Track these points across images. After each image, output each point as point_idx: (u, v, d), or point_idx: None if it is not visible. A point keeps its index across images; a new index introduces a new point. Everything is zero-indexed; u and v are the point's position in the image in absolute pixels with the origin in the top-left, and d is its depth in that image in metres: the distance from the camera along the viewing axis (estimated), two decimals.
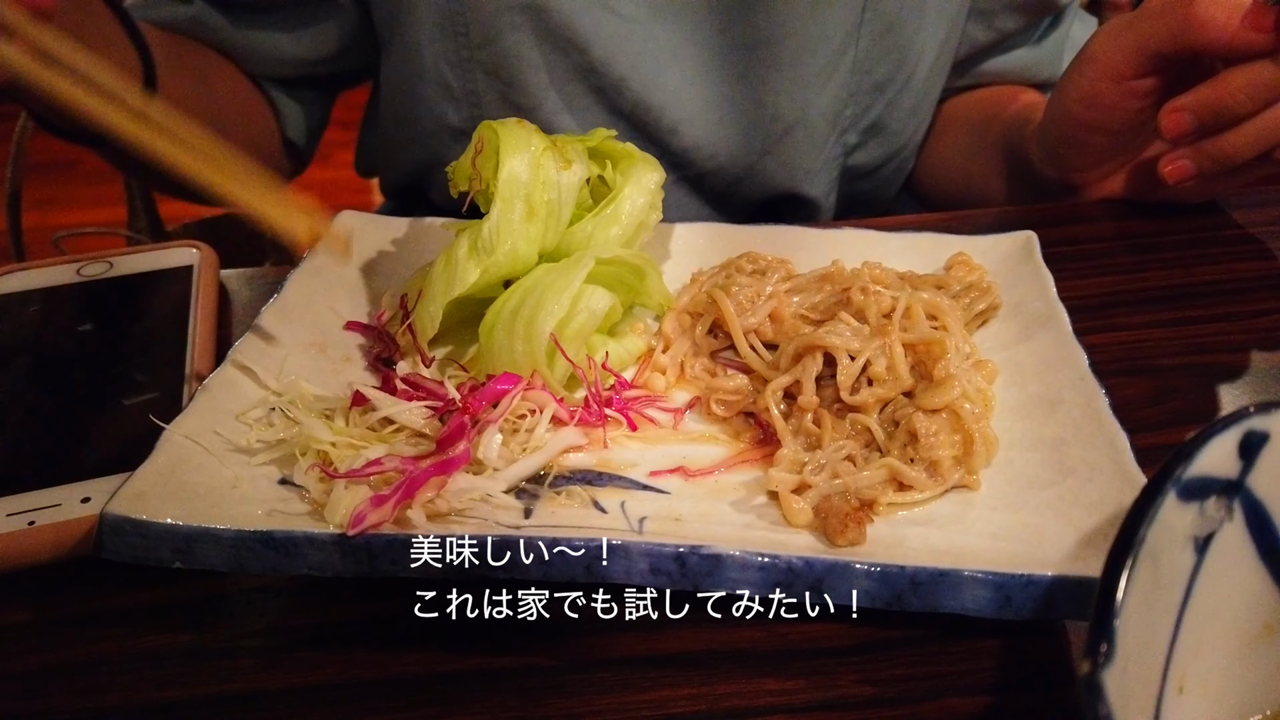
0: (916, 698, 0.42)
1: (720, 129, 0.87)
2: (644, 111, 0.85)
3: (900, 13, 0.84)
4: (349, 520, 0.43)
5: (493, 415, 0.50)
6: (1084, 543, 0.43)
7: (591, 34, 0.81)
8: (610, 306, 0.56)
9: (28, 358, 0.59)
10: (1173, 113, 0.65)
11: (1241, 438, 0.34)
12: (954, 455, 0.48)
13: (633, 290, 0.60)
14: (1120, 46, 0.67)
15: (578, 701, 0.42)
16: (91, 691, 0.43)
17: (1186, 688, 0.34)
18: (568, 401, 0.54)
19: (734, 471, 0.51)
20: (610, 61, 0.82)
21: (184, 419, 0.49)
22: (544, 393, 0.53)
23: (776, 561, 0.42)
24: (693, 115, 0.86)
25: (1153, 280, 0.69)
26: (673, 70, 0.84)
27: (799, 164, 0.88)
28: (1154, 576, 0.31)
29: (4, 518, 0.47)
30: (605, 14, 0.81)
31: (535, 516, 0.47)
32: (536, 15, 0.80)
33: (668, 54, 0.83)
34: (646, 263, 0.60)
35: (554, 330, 0.53)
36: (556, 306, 0.53)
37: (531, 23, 0.80)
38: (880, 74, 0.87)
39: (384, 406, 0.51)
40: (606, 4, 0.80)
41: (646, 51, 0.83)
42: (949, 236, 0.66)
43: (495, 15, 0.80)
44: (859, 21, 0.83)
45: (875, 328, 0.53)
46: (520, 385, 0.52)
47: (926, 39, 0.87)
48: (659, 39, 0.83)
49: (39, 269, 0.66)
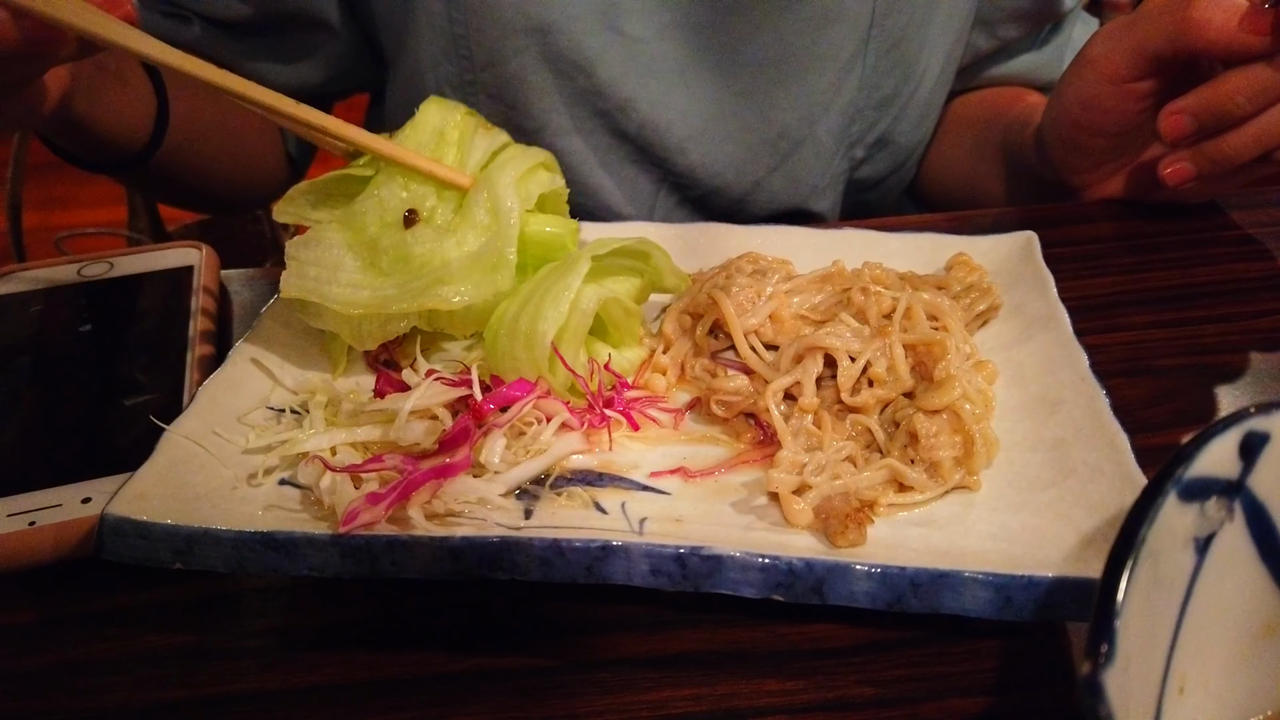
0: (917, 698, 0.42)
1: (727, 147, 0.86)
2: (650, 131, 0.85)
3: (906, 29, 0.84)
4: (342, 517, 0.43)
5: (500, 420, 0.50)
6: (1084, 543, 0.43)
7: (598, 55, 0.81)
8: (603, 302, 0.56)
9: (28, 358, 0.59)
10: (1171, 115, 0.65)
11: (1242, 438, 0.34)
12: (954, 456, 0.48)
13: (645, 275, 0.60)
14: (1118, 49, 0.67)
15: (578, 701, 0.42)
16: (91, 691, 0.43)
17: (1187, 688, 0.34)
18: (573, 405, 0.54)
19: (735, 472, 0.51)
20: (617, 83, 0.82)
21: (184, 419, 0.49)
22: (556, 402, 0.52)
23: (777, 562, 0.42)
24: (699, 133, 0.85)
25: (1153, 281, 0.69)
26: (679, 89, 0.84)
27: (806, 180, 0.88)
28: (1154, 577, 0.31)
29: (4, 518, 0.47)
30: (612, 35, 0.80)
31: (536, 517, 0.47)
32: (542, 38, 0.79)
33: (674, 73, 0.83)
34: (648, 245, 0.59)
35: (555, 337, 0.53)
36: (554, 313, 0.53)
37: (537, 45, 0.80)
38: (887, 89, 0.87)
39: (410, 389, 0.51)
40: (613, 25, 0.80)
41: (653, 71, 0.82)
42: (949, 237, 0.66)
43: (499, 39, 0.80)
44: (866, 39, 0.83)
45: (876, 328, 0.53)
46: (533, 395, 0.52)
47: (932, 53, 0.87)
48: (666, 59, 0.82)
49: (40, 269, 0.66)
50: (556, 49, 0.80)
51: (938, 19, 0.85)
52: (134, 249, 0.68)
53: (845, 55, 0.83)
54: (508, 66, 0.81)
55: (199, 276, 0.65)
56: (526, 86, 0.81)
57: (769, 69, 0.83)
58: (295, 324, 0.58)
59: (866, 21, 0.82)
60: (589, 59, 0.81)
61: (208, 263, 0.66)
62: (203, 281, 0.64)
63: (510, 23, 0.79)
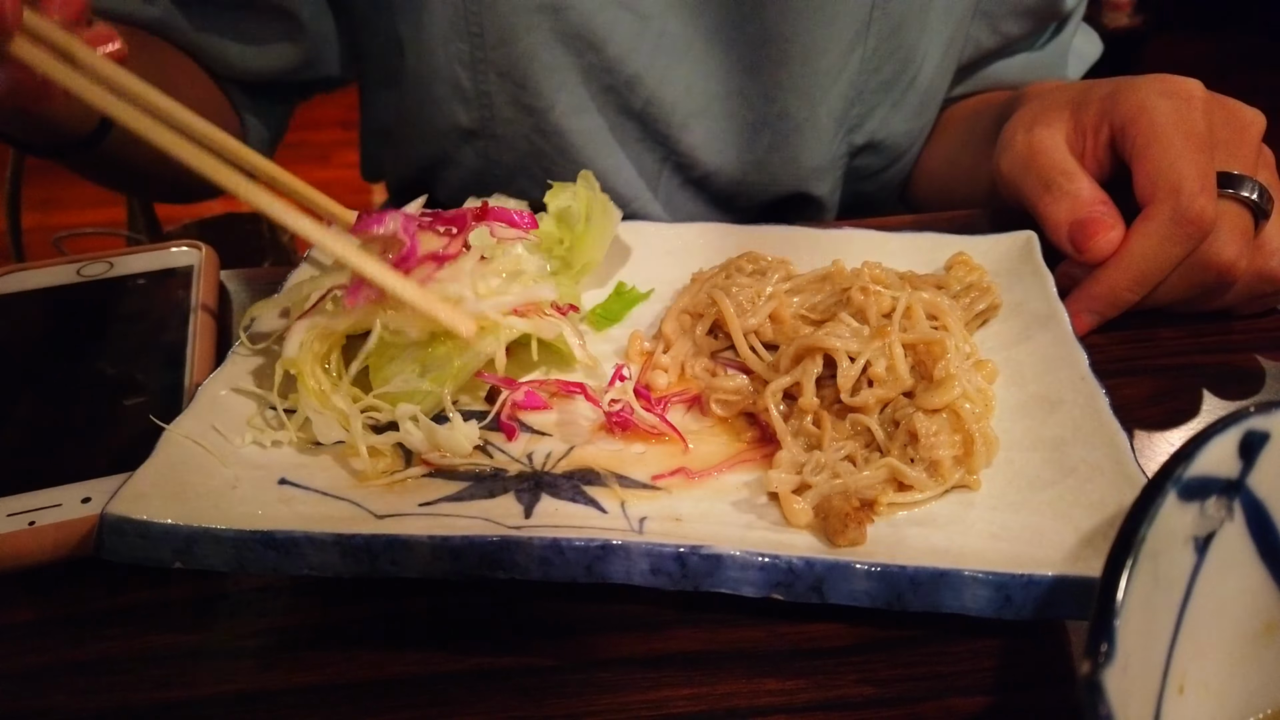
0: (916, 698, 0.42)
1: (730, 124, 0.87)
2: (655, 107, 0.85)
3: (907, 13, 0.84)
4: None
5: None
6: (1084, 542, 0.43)
7: (608, 31, 0.81)
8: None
9: (28, 358, 0.59)
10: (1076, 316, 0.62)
11: (1241, 438, 0.34)
12: (954, 455, 0.48)
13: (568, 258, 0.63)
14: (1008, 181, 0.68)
15: (578, 701, 0.42)
16: (91, 691, 0.43)
17: (1187, 687, 0.34)
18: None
19: (734, 471, 0.51)
20: (625, 59, 0.83)
21: (184, 419, 0.49)
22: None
23: (777, 561, 0.42)
24: (703, 110, 0.86)
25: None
26: (685, 65, 0.85)
27: (805, 161, 0.89)
28: (1154, 576, 0.31)
29: (4, 518, 0.47)
30: (621, 11, 0.81)
31: (536, 516, 0.47)
32: (553, 15, 0.80)
33: (681, 49, 0.84)
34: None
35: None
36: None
37: (548, 22, 0.80)
38: (886, 74, 0.87)
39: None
40: (622, 1, 0.81)
41: (661, 47, 0.83)
42: (949, 236, 0.66)
43: (512, 16, 0.80)
44: (868, 21, 0.84)
45: (875, 328, 0.53)
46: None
47: (932, 39, 0.87)
48: (673, 34, 0.83)
49: (39, 269, 0.66)
50: (567, 25, 0.81)
51: (938, 5, 0.86)
52: (134, 249, 0.68)
53: (847, 37, 0.84)
54: (519, 44, 0.81)
55: (199, 276, 0.65)
56: (537, 64, 0.82)
57: (772, 47, 0.84)
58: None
59: (869, 4, 0.83)
60: (599, 35, 0.81)
61: (208, 263, 0.66)
62: (202, 281, 0.64)
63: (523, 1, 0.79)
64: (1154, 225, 0.58)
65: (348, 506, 0.48)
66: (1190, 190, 0.57)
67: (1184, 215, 0.57)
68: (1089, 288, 0.61)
